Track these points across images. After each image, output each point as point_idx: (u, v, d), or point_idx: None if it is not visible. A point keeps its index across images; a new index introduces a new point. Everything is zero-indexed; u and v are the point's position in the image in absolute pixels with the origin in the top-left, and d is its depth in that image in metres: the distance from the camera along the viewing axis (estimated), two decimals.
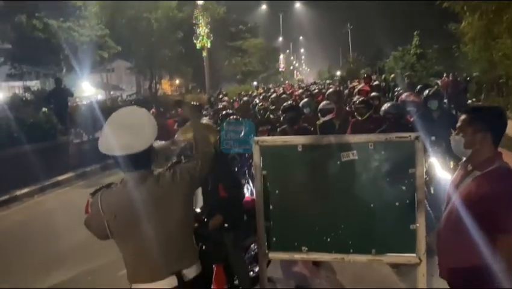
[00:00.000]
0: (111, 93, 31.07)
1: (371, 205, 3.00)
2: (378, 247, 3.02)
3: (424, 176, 5.53)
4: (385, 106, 5.23)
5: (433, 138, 5.30)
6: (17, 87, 24.94)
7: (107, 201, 2.12)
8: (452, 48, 21.11)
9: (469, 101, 19.44)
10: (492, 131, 2.28)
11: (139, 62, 23.57)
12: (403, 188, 2.95)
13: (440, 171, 5.35)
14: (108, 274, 4.64)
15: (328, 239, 3.06)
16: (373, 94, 8.45)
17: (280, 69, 57.70)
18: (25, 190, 9.13)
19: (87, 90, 28.20)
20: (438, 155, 5.36)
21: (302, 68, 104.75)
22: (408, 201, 2.95)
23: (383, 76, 19.85)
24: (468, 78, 22.04)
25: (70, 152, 11.56)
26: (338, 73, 54.17)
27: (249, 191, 6.23)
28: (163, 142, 3.63)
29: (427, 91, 5.93)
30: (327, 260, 3.27)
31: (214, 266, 3.48)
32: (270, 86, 33.75)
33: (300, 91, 18.94)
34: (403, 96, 6.99)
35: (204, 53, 21.17)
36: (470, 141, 2.32)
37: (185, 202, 2.21)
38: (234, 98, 14.78)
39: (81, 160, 11.53)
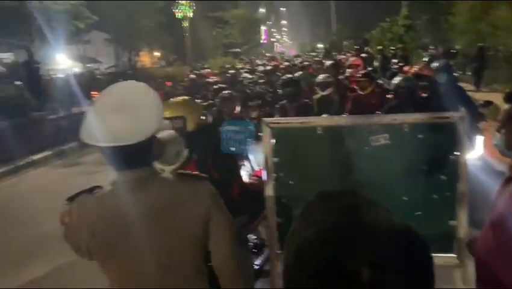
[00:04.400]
0: (88, 65, 29.80)
1: (405, 198, 2.54)
2: None
3: None
4: (397, 79, 4.74)
5: None
6: None
7: (86, 212, 1.54)
8: (440, 19, 20.67)
9: (455, 74, 19.17)
10: None
11: (117, 33, 22.43)
12: (443, 178, 2.50)
13: None
14: (92, 268, 4.11)
15: None
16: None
17: (262, 41, 56.57)
18: None
19: (63, 62, 26.95)
20: None
21: (283, 41, 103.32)
22: (448, 193, 2.50)
23: (366, 48, 19.26)
24: (454, 51, 21.71)
25: (46, 128, 10.80)
26: (321, 45, 53.34)
27: (247, 173, 5.75)
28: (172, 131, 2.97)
29: (435, 64, 5.48)
30: None
31: None
32: (253, 58, 32.91)
33: (286, 64, 18.32)
34: (415, 68, 6.52)
35: (185, 24, 20.19)
36: None
37: (201, 223, 1.61)
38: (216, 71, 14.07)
39: (57, 137, 10.79)
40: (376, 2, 31.51)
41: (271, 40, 78.57)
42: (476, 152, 4.96)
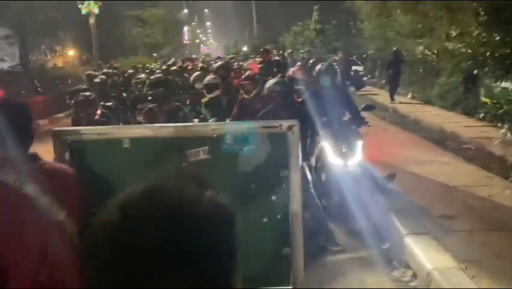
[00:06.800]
0: None
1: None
2: (242, 281, 2.18)
3: (315, 163, 4.94)
4: (270, 83, 4.41)
5: (324, 119, 4.65)
6: None
7: None
8: (349, 25, 21.28)
9: (365, 78, 19.90)
10: None
11: (15, 29, 20.40)
12: (273, 198, 2.12)
13: (332, 156, 4.74)
14: None
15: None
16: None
17: (184, 41, 55.39)
18: None
19: None
20: (330, 138, 4.73)
21: (210, 42, 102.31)
22: (279, 216, 2.13)
23: (281, 52, 19.44)
24: (364, 56, 22.53)
25: None
26: (245, 48, 53.40)
27: None
28: None
29: (319, 66, 5.27)
30: None
31: None
32: (172, 59, 31.94)
33: (201, 65, 17.71)
34: (290, 71, 6.29)
35: (91, 20, 18.83)
36: None
37: None
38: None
39: None
40: (295, 5, 31.89)
41: (196, 41, 77.46)
42: (356, 158, 4.78)
